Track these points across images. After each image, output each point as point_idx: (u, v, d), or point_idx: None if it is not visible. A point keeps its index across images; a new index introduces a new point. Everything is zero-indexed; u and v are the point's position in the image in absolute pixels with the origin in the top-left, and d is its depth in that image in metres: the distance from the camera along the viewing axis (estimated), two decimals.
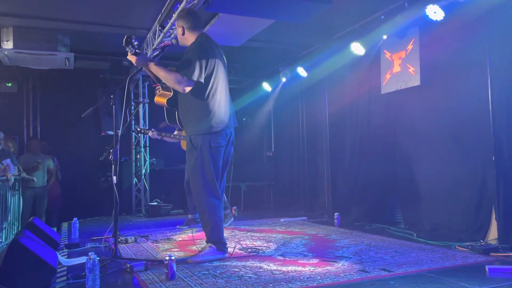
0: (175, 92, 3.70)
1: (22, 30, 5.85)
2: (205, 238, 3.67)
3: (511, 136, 3.93)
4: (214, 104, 3.56)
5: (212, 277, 3.02)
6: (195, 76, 3.42)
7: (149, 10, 5.54)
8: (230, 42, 6.04)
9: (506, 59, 3.98)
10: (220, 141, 3.58)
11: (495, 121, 4.02)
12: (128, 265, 3.24)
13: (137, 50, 3.44)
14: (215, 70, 3.57)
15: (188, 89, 3.45)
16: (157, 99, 3.86)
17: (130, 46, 3.39)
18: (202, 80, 3.48)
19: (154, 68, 3.51)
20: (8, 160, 5.47)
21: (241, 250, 3.96)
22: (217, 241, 3.58)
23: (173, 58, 6.47)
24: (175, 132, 5.81)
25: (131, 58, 3.47)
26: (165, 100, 3.79)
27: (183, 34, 3.69)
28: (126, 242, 4.47)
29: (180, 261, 3.44)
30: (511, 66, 3.95)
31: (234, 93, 7.17)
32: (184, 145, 5.67)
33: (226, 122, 3.60)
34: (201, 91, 3.52)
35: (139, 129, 6.02)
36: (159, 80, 3.65)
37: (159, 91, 3.87)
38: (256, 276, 3.02)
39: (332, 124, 6.64)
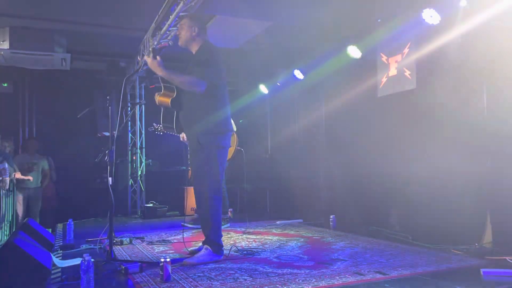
0: (179, 93, 3.69)
1: (19, 30, 5.84)
2: (198, 240, 3.67)
3: (506, 140, 3.94)
4: (224, 106, 3.67)
5: (207, 279, 3.01)
6: (212, 78, 3.52)
7: (146, 11, 5.54)
8: (228, 44, 6.06)
9: (503, 62, 3.99)
10: (227, 143, 3.69)
11: (491, 125, 4.03)
12: (123, 267, 3.22)
13: (158, 57, 3.44)
14: (223, 74, 3.69)
15: (203, 90, 3.50)
16: (160, 99, 3.74)
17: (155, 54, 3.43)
18: (218, 82, 3.58)
19: (167, 74, 3.49)
20: (5, 164, 5.42)
21: (236, 252, 3.94)
22: (214, 243, 3.59)
23: (171, 59, 6.47)
24: None
25: (149, 60, 3.46)
26: (169, 100, 3.69)
27: (197, 35, 3.70)
28: (121, 243, 4.45)
29: (176, 263, 3.43)
30: (507, 70, 3.97)
31: (231, 95, 7.15)
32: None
33: (230, 125, 3.75)
34: (213, 92, 3.58)
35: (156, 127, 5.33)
36: (165, 81, 3.66)
37: (161, 91, 3.78)
38: (251, 279, 3.02)
39: (328, 126, 6.65)
